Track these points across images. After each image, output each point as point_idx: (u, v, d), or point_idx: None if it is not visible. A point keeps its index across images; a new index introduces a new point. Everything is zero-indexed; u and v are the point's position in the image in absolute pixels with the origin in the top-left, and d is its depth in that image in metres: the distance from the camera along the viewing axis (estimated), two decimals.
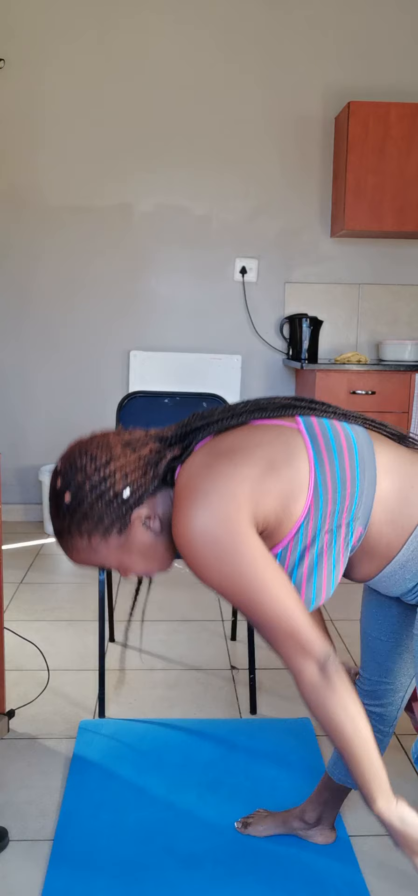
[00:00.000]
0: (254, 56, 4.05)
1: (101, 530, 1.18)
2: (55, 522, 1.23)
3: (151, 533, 1.22)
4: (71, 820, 1.77)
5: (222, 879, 1.60)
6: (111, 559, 1.22)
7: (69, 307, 4.20)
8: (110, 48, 4.02)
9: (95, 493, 1.16)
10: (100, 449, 1.19)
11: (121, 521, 1.18)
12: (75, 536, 1.19)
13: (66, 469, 1.19)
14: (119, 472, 1.17)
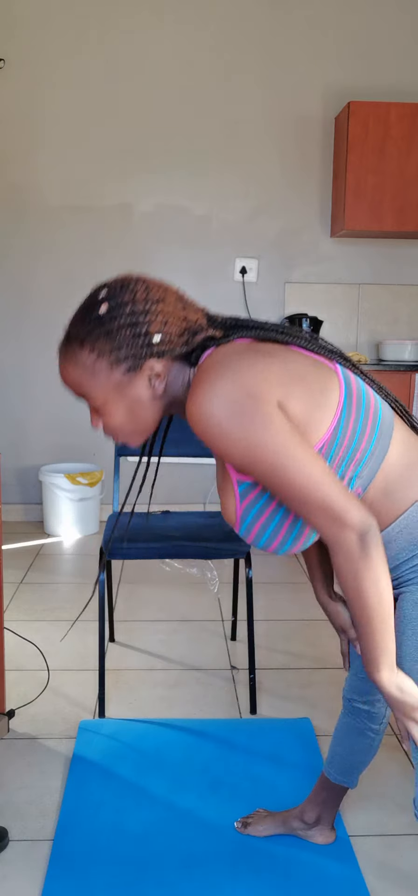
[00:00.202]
0: (255, 56, 4.05)
1: (112, 357, 1.14)
2: (74, 326, 1.18)
3: (150, 392, 1.17)
4: (71, 820, 1.77)
5: (222, 879, 1.60)
6: (100, 392, 1.17)
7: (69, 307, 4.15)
8: (110, 48, 4.02)
9: (131, 319, 1.14)
10: (157, 288, 1.18)
11: (135, 360, 1.14)
12: (85, 349, 1.15)
13: (116, 285, 1.17)
14: (162, 315, 1.15)
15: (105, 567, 2.33)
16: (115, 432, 1.21)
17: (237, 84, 4.07)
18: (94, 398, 1.18)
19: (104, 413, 1.19)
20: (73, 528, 4.05)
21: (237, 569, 2.77)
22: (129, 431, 1.21)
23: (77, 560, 3.72)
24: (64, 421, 4.26)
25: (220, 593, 3.14)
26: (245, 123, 4.08)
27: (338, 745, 1.64)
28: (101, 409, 1.19)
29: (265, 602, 3.14)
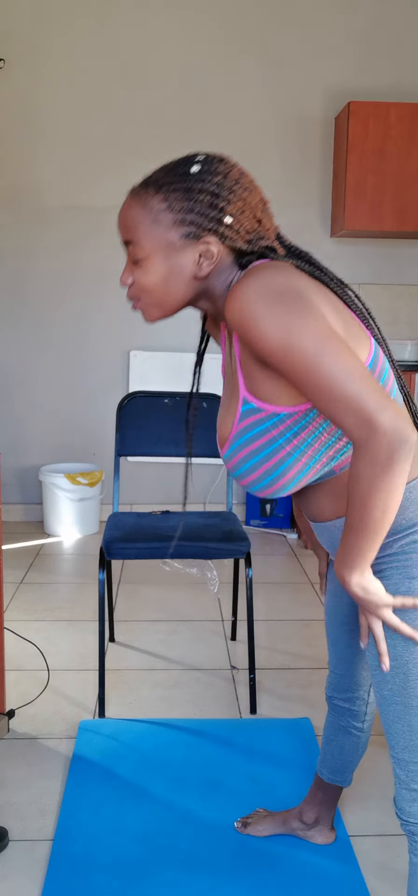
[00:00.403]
0: (255, 56, 4.05)
1: (179, 216, 1.13)
2: (158, 173, 1.18)
3: (195, 269, 1.15)
4: (71, 820, 1.77)
5: (222, 879, 1.60)
6: (150, 244, 1.15)
7: (69, 307, 4.20)
8: (110, 48, 4.02)
9: (214, 190, 1.13)
10: (248, 180, 1.17)
11: (197, 229, 1.13)
12: (159, 195, 1.15)
13: (215, 156, 1.17)
14: (242, 203, 1.14)
15: (105, 567, 2.33)
16: (143, 293, 1.19)
17: (237, 84, 4.07)
18: (140, 247, 1.16)
19: (142, 268, 1.17)
20: (73, 528, 4.05)
21: (237, 569, 2.77)
22: (156, 299, 1.19)
23: (77, 560, 3.72)
24: (64, 421, 4.26)
25: (220, 593, 3.14)
26: (245, 123, 4.08)
27: (327, 744, 1.65)
28: (141, 264, 1.17)
29: (265, 602, 3.14)
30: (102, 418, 4.23)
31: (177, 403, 2.78)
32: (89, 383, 4.26)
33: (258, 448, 1.16)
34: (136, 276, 1.18)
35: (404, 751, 1.20)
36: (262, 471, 1.18)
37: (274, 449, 1.15)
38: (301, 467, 1.16)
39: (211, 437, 2.77)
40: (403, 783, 1.21)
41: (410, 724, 1.18)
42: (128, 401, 2.74)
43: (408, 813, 1.21)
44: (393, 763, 1.23)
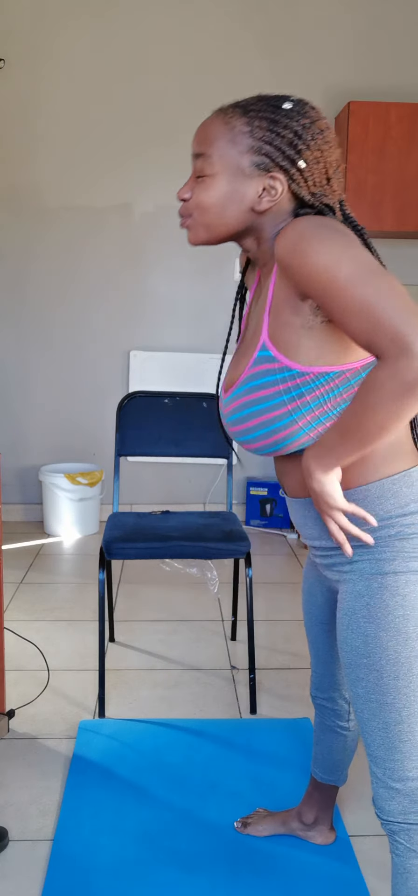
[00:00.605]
0: (255, 56, 4.05)
1: (257, 144, 1.14)
2: (250, 99, 1.18)
3: (255, 200, 1.16)
4: (71, 820, 1.77)
5: (222, 879, 1.60)
6: (221, 162, 1.16)
7: (69, 307, 4.20)
8: (110, 48, 4.02)
9: (298, 132, 1.13)
10: (333, 137, 1.18)
11: (270, 162, 1.14)
12: (244, 118, 1.15)
13: (310, 104, 1.18)
14: (319, 155, 1.15)
15: (105, 567, 2.33)
16: (197, 210, 1.20)
17: (237, 84, 4.05)
18: (210, 163, 1.17)
19: (205, 184, 1.18)
20: (73, 528, 4.05)
21: (237, 569, 2.77)
22: (208, 219, 1.19)
23: (77, 560, 3.72)
24: (64, 421, 4.26)
25: (220, 593, 3.14)
26: None
27: (317, 744, 1.65)
28: (205, 180, 1.18)
29: (265, 602, 3.14)
30: (102, 418, 4.23)
31: (177, 403, 2.78)
32: (89, 383, 4.26)
33: (261, 398, 1.16)
34: (197, 191, 1.20)
35: (380, 748, 1.19)
36: (258, 422, 1.17)
37: (275, 403, 1.14)
38: (295, 430, 1.15)
39: (211, 437, 2.78)
40: (380, 781, 1.21)
41: (385, 722, 1.18)
42: (128, 401, 2.74)
43: (387, 812, 1.20)
44: (370, 761, 1.23)
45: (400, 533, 1.16)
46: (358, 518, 1.15)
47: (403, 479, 1.17)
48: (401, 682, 1.16)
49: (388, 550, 1.17)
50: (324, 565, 1.30)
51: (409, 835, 1.19)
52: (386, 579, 1.17)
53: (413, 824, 1.19)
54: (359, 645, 1.19)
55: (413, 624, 1.15)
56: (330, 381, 1.12)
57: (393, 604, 1.16)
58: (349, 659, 1.22)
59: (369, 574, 1.19)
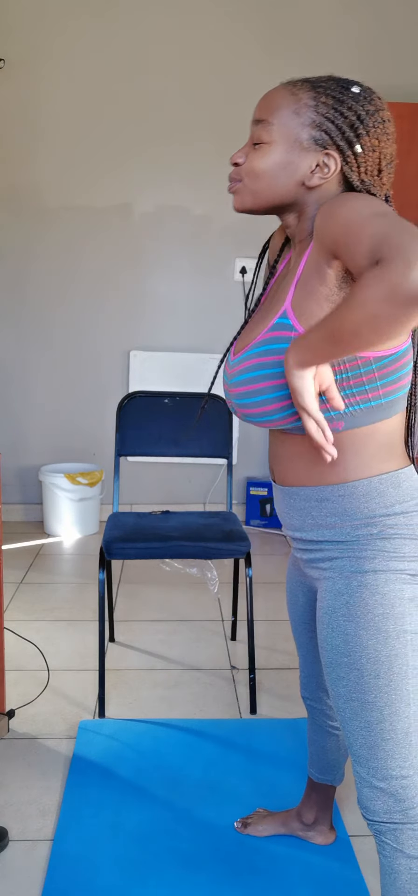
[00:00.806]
0: (255, 56, 4.05)
1: (319, 120, 1.15)
2: (321, 77, 1.20)
3: (306, 174, 1.16)
4: (71, 820, 1.78)
5: (222, 879, 1.60)
6: (280, 132, 1.17)
7: (69, 307, 4.20)
8: (110, 48, 4.02)
9: (361, 116, 1.15)
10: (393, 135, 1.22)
11: (328, 140, 1.15)
12: (312, 92, 1.16)
13: (376, 92, 1.19)
14: (377, 144, 1.17)
15: (105, 567, 2.33)
16: (249, 176, 1.21)
17: (237, 83, 4.07)
18: (270, 131, 1.18)
19: (261, 151, 1.19)
20: (73, 528, 4.05)
21: (237, 569, 2.77)
22: (258, 187, 1.20)
23: (77, 560, 3.72)
24: (64, 421, 4.26)
25: (220, 593, 3.14)
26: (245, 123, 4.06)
27: (311, 745, 1.65)
28: (262, 147, 1.19)
29: (265, 602, 3.14)
30: (102, 418, 4.23)
31: (177, 403, 2.78)
32: (89, 383, 4.26)
33: (270, 363, 1.15)
34: (251, 157, 1.21)
35: (363, 748, 1.19)
36: (262, 386, 1.17)
37: (282, 372, 1.14)
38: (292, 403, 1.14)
39: (211, 437, 2.78)
40: (365, 781, 1.20)
41: (367, 721, 1.18)
42: (128, 401, 2.74)
43: (373, 811, 1.20)
44: (353, 761, 1.22)
45: (383, 533, 1.17)
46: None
47: (390, 479, 1.17)
48: (382, 681, 1.16)
49: (369, 549, 1.17)
50: (305, 561, 1.30)
51: (395, 834, 1.19)
52: (365, 577, 1.17)
53: (398, 824, 1.18)
54: (339, 644, 1.19)
55: (393, 623, 1.15)
56: (342, 364, 1.12)
57: (372, 602, 1.16)
58: (329, 658, 1.22)
59: (349, 572, 1.19)
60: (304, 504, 1.23)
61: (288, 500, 1.27)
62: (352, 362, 1.11)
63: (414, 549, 1.17)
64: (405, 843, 1.18)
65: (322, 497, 1.20)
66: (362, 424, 1.16)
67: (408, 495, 1.18)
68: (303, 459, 1.21)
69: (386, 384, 1.14)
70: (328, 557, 1.22)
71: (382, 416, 1.17)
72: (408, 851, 1.18)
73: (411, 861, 1.18)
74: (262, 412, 1.19)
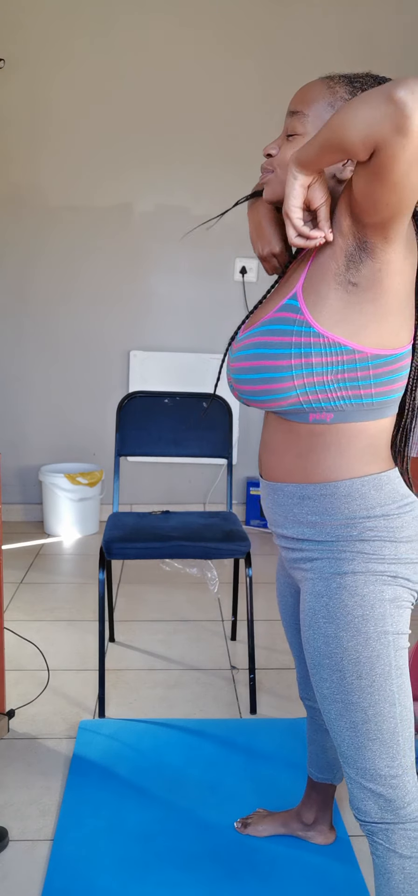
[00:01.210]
0: (255, 56, 4.05)
1: None
2: (360, 73, 1.20)
3: (337, 167, 1.16)
4: (71, 820, 1.77)
5: (222, 879, 1.60)
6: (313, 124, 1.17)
7: (69, 307, 4.20)
8: (111, 48, 4.02)
9: None
10: None
11: None
12: (349, 87, 1.17)
13: None
14: None
15: (105, 567, 2.33)
16: (281, 167, 1.21)
17: (237, 84, 4.07)
18: (304, 123, 1.19)
19: (295, 143, 1.19)
20: (73, 528, 4.05)
21: (237, 569, 2.77)
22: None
23: (77, 560, 3.72)
24: (64, 421, 4.26)
25: (220, 593, 3.14)
26: (245, 123, 4.08)
27: (310, 744, 1.65)
28: (296, 139, 1.19)
29: (265, 602, 3.14)
30: (102, 418, 4.23)
31: (177, 403, 2.78)
32: (89, 383, 4.26)
33: (271, 343, 1.16)
34: (284, 148, 1.21)
35: (350, 748, 1.19)
36: (258, 364, 1.18)
37: (282, 353, 1.14)
38: (288, 387, 1.14)
39: (211, 436, 2.78)
40: (354, 782, 1.20)
41: (352, 722, 1.18)
42: (128, 401, 2.74)
43: (364, 812, 1.20)
44: (342, 762, 1.22)
45: (362, 535, 1.17)
46: None
47: (372, 481, 1.17)
48: (364, 682, 1.16)
49: (348, 551, 1.17)
50: (288, 561, 1.30)
51: (387, 835, 1.18)
52: (344, 579, 1.17)
53: (390, 824, 1.18)
54: (321, 646, 1.19)
55: (373, 624, 1.15)
56: (340, 354, 1.12)
57: (351, 604, 1.16)
58: (312, 660, 1.22)
59: (328, 574, 1.19)
60: (287, 500, 1.23)
61: (272, 496, 1.27)
62: (349, 355, 1.12)
63: (394, 550, 1.17)
64: (397, 843, 1.18)
65: (304, 494, 1.20)
66: (350, 420, 1.16)
67: (390, 498, 1.18)
68: (291, 453, 1.22)
69: (380, 384, 1.14)
70: (309, 558, 1.23)
71: (371, 416, 1.17)
72: (401, 851, 1.18)
73: (404, 861, 1.18)
74: (254, 391, 1.20)
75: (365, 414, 1.16)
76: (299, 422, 1.19)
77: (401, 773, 1.17)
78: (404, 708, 1.17)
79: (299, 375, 1.13)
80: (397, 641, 1.17)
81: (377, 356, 1.12)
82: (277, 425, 1.24)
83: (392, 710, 1.16)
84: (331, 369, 1.12)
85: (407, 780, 1.17)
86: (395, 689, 1.16)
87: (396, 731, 1.16)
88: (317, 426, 1.17)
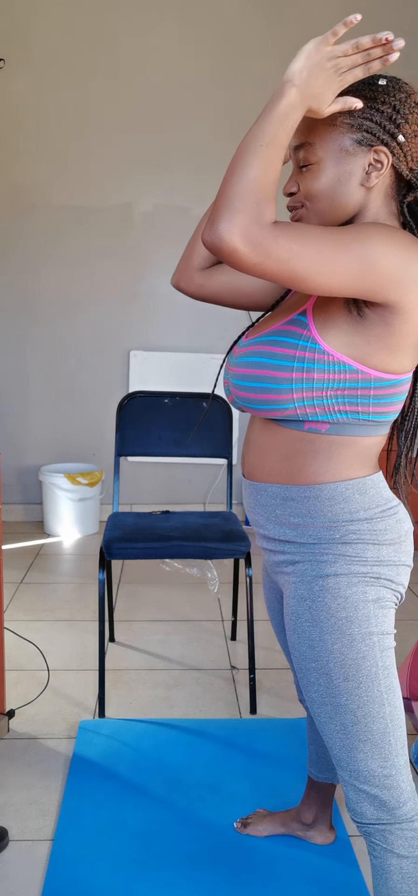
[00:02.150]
0: (254, 56, 4.05)
1: (358, 121, 1.14)
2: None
3: (362, 176, 1.15)
4: (71, 820, 1.77)
5: (222, 879, 1.60)
6: (324, 147, 1.16)
7: (69, 307, 4.20)
8: (111, 48, 4.02)
9: (396, 105, 1.15)
10: None
11: (371, 137, 1.14)
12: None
13: (401, 79, 1.20)
14: (417, 129, 1.16)
15: (105, 567, 2.33)
16: (310, 199, 1.19)
17: (237, 84, 4.07)
18: (314, 151, 1.17)
19: (311, 173, 1.18)
20: (73, 528, 4.05)
21: (237, 569, 2.77)
22: (322, 206, 1.18)
23: (77, 560, 3.72)
24: (64, 421, 4.26)
25: (220, 593, 3.14)
26: (245, 123, 4.07)
27: (311, 744, 1.66)
28: (311, 169, 1.18)
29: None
30: (102, 418, 4.23)
31: (177, 403, 2.78)
32: (89, 383, 4.26)
33: (275, 353, 1.16)
34: (304, 181, 1.19)
35: (342, 751, 1.19)
36: (259, 373, 1.17)
37: (284, 365, 1.14)
38: (287, 399, 1.14)
39: (211, 436, 2.78)
40: (348, 784, 1.20)
41: (342, 724, 1.17)
42: (128, 401, 2.74)
43: (360, 814, 1.20)
44: (336, 765, 1.22)
45: (344, 538, 1.17)
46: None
47: (357, 485, 1.18)
48: (351, 684, 1.16)
49: (330, 554, 1.17)
50: (271, 564, 1.30)
51: (384, 835, 1.19)
52: (327, 581, 1.17)
53: (386, 824, 1.18)
54: (306, 650, 1.19)
55: (357, 626, 1.15)
56: (343, 373, 1.12)
57: (335, 606, 1.16)
58: (298, 664, 1.22)
59: (311, 577, 1.19)
60: (270, 501, 1.23)
61: (255, 496, 1.27)
62: (352, 374, 1.12)
63: (377, 553, 1.17)
64: (394, 844, 1.18)
65: (287, 496, 1.20)
66: (343, 434, 1.17)
67: (373, 502, 1.18)
68: (276, 455, 1.22)
69: (378, 404, 1.15)
70: (290, 561, 1.23)
71: (365, 432, 1.17)
72: (398, 851, 1.18)
73: (401, 860, 1.18)
74: (252, 398, 1.19)
75: (360, 429, 1.17)
76: (292, 428, 1.19)
77: (395, 773, 1.17)
78: (394, 708, 1.17)
79: (299, 389, 1.13)
80: (382, 641, 1.17)
81: (380, 379, 1.13)
82: (264, 426, 1.24)
83: (381, 710, 1.16)
84: (332, 386, 1.13)
85: (400, 779, 1.17)
86: (383, 690, 1.16)
87: (387, 731, 1.16)
88: (310, 434, 1.18)
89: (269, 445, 1.23)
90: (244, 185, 1.02)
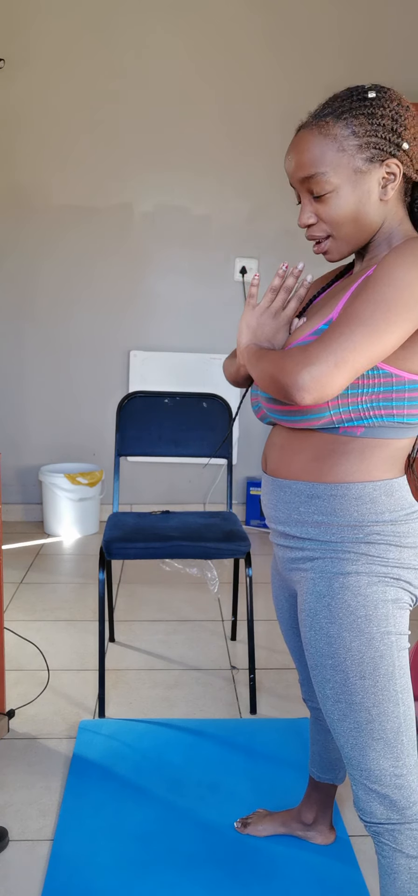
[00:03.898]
0: (254, 56, 4.05)
1: (365, 140, 1.14)
2: (333, 102, 1.18)
3: (378, 191, 1.16)
4: (71, 820, 1.78)
5: (222, 879, 1.60)
6: (338, 173, 1.16)
7: (69, 307, 4.20)
8: (111, 48, 4.02)
9: (394, 115, 1.15)
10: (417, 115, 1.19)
11: (382, 153, 1.15)
12: (341, 122, 1.15)
13: (384, 86, 1.18)
14: (415, 132, 1.17)
15: (105, 567, 2.33)
16: (334, 228, 1.19)
17: (237, 84, 4.07)
18: (327, 179, 1.16)
19: (329, 202, 1.17)
20: (72, 528, 4.05)
21: (237, 569, 2.77)
22: (349, 230, 1.18)
23: (77, 560, 3.72)
24: (64, 421, 4.26)
25: (220, 593, 3.14)
26: (245, 123, 4.08)
27: (313, 744, 1.66)
28: (327, 198, 1.17)
29: (265, 602, 3.14)
30: (102, 418, 4.22)
31: (177, 403, 2.78)
32: (89, 383, 4.26)
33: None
34: (324, 211, 1.19)
35: (354, 749, 1.19)
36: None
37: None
38: (322, 409, 1.16)
39: (211, 437, 2.78)
40: (358, 783, 1.21)
41: (356, 722, 1.18)
42: (128, 401, 2.74)
43: (369, 813, 1.21)
44: (346, 765, 1.23)
45: (368, 538, 1.17)
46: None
47: (384, 487, 1.18)
48: (368, 682, 1.16)
49: (352, 552, 1.18)
50: (285, 561, 1.30)
51: (394, 835, 1.19)
52: (348, 579, 1.17)
53: (396, 824, 1.18)
54: (323, 646, 1.20)
55: (376, 624, 1.16)
56: (377, 377, 1.13)
57: (355, 604, 1.16)
58: (314, 660, 1.22)
59: (331, 574, 1.19)
60: (294, 498, 1.23)
61: (277, 492, 1.27)
62: (387, 378, 1.13)
63: (398, 555, 1.18)
64: (403, 844, 1.18)
65: (313, 493, 1.20)
66: (378, 436, 1.17)
67: (399, 505, 1.19)
68: (307, 454, 1.22)
69: (413, 406, 1.15)
70: (309, 558, 1.23)
71: (399, 434, 1.18)
72: (407, 851, 1.18)
73: (410, 861, 1.18)
74: (289, 411, 1.20)
75: (394, 432, 1.17)
76: (326, 433, 1.19)
77: (406, 773, 1.17)
78: (407, 708, 1.17)
79: (334, 398, 1.14)
80: (399, 642, 1.17)
81: (414, 381, 1.14)
82: (295, 430, 1.24)
83: (395, 709, 1.16)
84: (367, 391, 1.14)
85: (411, 779, 1.18)
86: (399, 689, 1.16)
87: (400, 730, 1.16)
88: (344, 437, 1.19)
89: (299, 447, 1.23)
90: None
